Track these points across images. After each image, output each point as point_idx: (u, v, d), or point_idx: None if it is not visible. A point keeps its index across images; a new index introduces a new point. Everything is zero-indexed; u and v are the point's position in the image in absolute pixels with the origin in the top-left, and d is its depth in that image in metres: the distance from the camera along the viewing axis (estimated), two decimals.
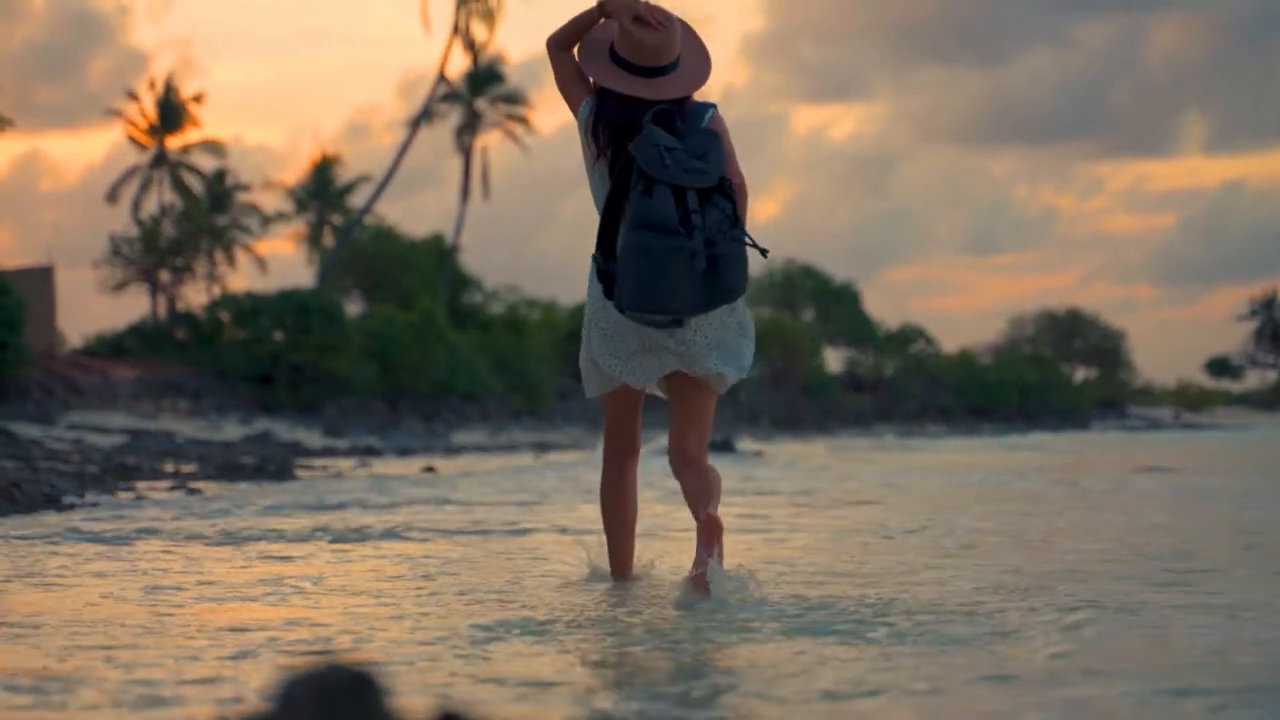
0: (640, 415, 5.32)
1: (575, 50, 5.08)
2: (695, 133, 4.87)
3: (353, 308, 49.84)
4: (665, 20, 4.92)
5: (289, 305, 39.98)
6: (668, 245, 4.71)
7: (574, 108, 5.08)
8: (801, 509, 10.21)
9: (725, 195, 4.84)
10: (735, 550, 6.80)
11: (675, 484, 5.38)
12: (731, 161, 4.94)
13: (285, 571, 6.16)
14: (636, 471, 5.40)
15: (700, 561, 4.91)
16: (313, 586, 5.60)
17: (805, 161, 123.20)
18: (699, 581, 4.89)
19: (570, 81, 5.08)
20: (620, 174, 4.90)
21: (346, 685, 2.70)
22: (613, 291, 4.90)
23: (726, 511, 9.54)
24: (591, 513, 9.65)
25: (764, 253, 4.98)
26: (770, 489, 12.94)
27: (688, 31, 5.06)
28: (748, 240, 4.92)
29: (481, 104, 55.33)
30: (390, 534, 8.00)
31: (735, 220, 4.85)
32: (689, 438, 5.16)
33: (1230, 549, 7.04)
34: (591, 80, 5.05)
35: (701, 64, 5.03)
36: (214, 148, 52.82)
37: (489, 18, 49.63)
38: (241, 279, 69.91)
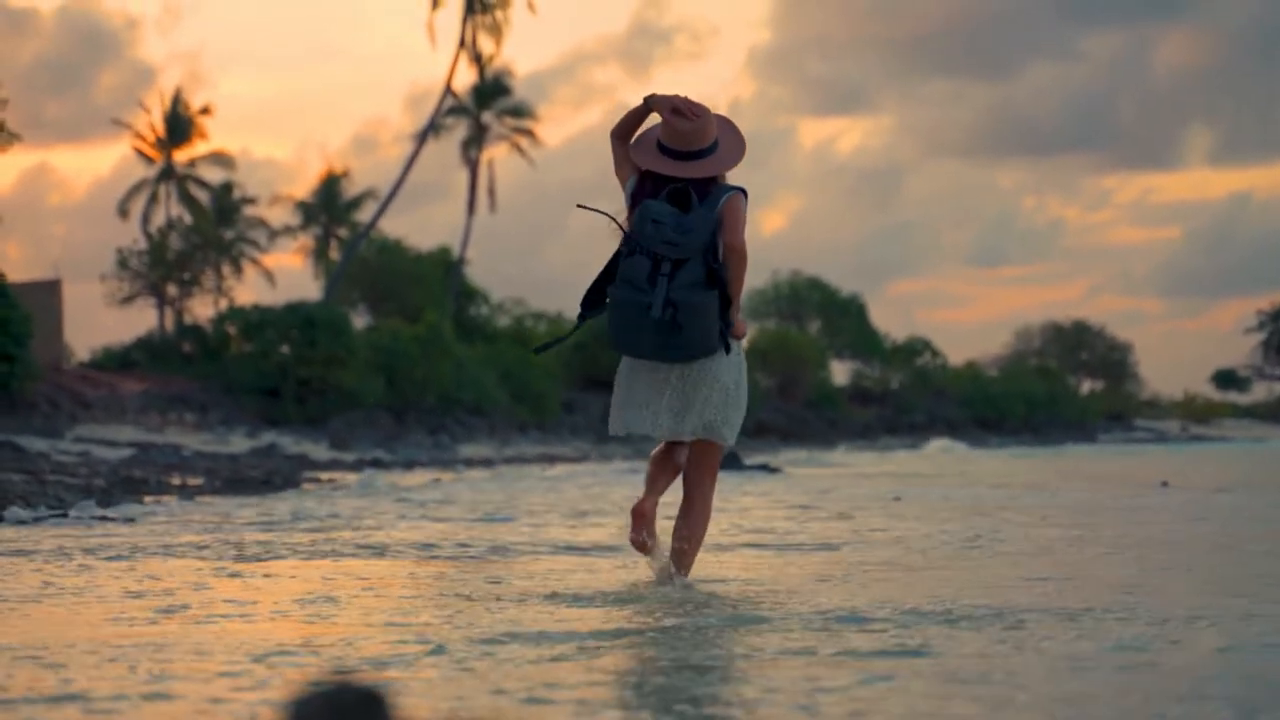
0: (678, 447, 6.06)
1: (630, 141, 5.95)
2: (700, 211, 5.68)
3: (359, 321, 49.84)
4: (699, 112, 5.76)
5: (296, 318, 39.99)
6: (631, 298, 5.65)
7: (623, 186, 5.95)
8: (841, 524, 10.20)
9: (703, 264, 5.64)
10: (787, 565, 6.81)
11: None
12: (732, 233, 5.70)
13: (295, 587, 6.16)
14: (677, 475, 6.12)
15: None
16: (323, 601, 5.61)
17: (811, 174, 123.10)
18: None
19: (622, 164, 5.94)
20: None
21: (355, 702, 2.71)
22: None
23: (751, 527, 9.55)
24: (598, 530, 9.67)
25: (727, 332, 5.76)
26: (799, 505, 12.94)
27: (726, 123, 5.90)
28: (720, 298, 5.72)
29: (488, 117, 55.36)
30: (402, 548, 8.00)
31: (710, 284, 5.65)
32: (693, 477, 6.07)
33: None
34: (638, 165, 5.88)
35: (735, 148, 5.85)
36: (221, 159, 52.92)
37: (496, 31, 49.72)
38: (249, 292, 69.94)
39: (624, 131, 5.91)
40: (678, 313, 5.59)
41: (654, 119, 5.93)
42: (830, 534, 9.13)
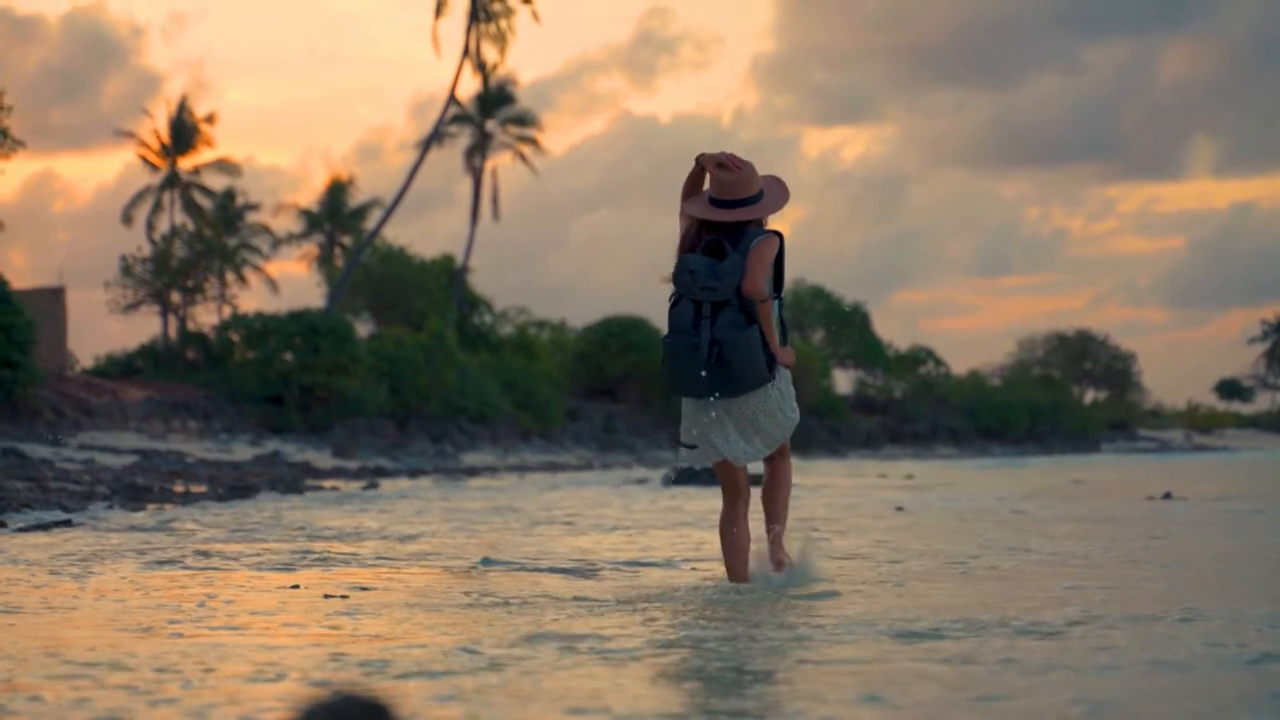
0: (741, 470, 6.48)
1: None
2: (733, 256, 6.24)
3: (363, 329, 49.86)
4: (740, 164, 6.36)
5: (299, 326, 39.99)
6: (681, 343, 6.25)
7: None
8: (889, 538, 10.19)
9: (740, 305, 6.20)
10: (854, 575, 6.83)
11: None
12: (747, 279, 6.19)
13: (307, 595, 6.16)
14: (746, 511, 6.52)
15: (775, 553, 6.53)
16: (340, 613, 5.59)
17: (816, 184, 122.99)
18: (775, 563, 6.45)
19: (681, 218, 6.51)
20: None
21: (360, 715, 2.71)
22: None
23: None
24: (614, 537, 9.68)
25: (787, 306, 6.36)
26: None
27: (773, 178, 6.53)
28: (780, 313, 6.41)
29: (492, 125, 55.43)
30: (416, 557, 8.00)
31: (747, 323, 6.20)
32: (771, 466, 6.67)
33: None
34: (689, 215, 6.46)
35: (777, 196, 6.45)
36: (226, 167, 52.98)
37: (500, 40, 49.73)
38: (253, 299, 70.03)
39: (687, 191, 6.53)
40: (723, 350, 6.17)
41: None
42: (853, 544, 9.15)
